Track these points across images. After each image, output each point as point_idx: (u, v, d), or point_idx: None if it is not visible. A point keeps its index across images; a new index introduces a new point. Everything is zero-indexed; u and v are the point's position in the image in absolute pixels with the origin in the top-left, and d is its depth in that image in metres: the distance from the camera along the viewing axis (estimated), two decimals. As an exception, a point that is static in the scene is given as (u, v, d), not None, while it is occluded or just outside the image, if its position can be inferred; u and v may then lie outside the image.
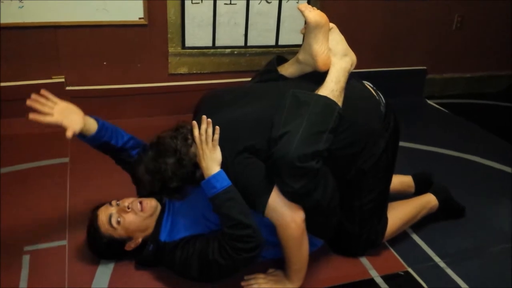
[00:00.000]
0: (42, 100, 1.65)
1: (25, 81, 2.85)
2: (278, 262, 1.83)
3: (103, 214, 1.75)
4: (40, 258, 1.89)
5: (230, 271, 1.67)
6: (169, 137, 1.68)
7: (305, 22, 1.74)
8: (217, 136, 1.63)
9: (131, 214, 1.75)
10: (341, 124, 1.67)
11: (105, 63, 3.00)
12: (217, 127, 1.63)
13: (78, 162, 2.60)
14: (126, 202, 1.78)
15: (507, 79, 4.21)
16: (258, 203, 1.62)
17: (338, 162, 1.76)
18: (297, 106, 1.64)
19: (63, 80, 2.92)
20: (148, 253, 1.77)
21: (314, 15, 1.73)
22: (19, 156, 2.60)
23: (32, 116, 1.60)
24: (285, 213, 1.62)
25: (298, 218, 1.64)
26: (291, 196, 1.62)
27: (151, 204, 1.79)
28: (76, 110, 1.71)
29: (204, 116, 1.65)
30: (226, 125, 1.66)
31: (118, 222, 1.72)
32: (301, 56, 1.81)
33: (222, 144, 1.64)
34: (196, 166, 1.68)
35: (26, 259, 1.87)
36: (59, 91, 2.91)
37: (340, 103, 1.69)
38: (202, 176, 1.66)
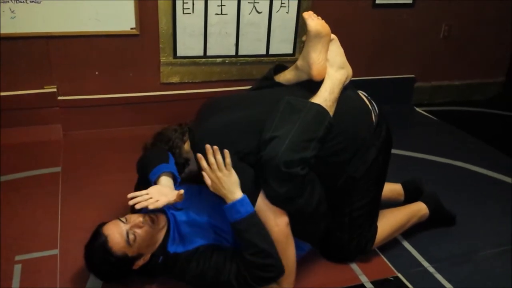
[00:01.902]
0: (139, 198, 1.61)
1: (16, 91, 2.85)
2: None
3: (116, 233, 1.65)
4: (31, 267, 1.89)
5: None
6: (172, 129, 1.92)
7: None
8: (229, 160, 1.64)
9: (145, 228, 1.69)
10: (331, 131, 1.70)
11: (97, 72, 3.00)
12: (226, 150, 1.64)
13: (70, 171, 2.60)
14: (140, 217, 1.71)
15: (495, 86, 4.26)
16: None
17: (329, 169, 1.79)
18: (289, 112, 1.68)
19: (55, 90, 2.92)
20: (158, 265, 1.74)
21: (316, 24, 1.77)
22: (10, 166, 2.59)
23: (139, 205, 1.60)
24: (268, 217, 1.66)
25: (281, 222, 1.67)
26: (275, 200, 1.65)
27: (161, 217, 1.77)
28: (163, 186, 1.71)
29: (207, 146, 1.65)
30: (218, 129, 1.71)
31: (134, 239, 1.66)
32: (299, 62, 1.85)
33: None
34: (186, 162, 1.84)
35: (17, 268, 1.87)
36: (51, 101, 2.93)
37: (331, 113, 1.72)
38: (190, 173, 1.83)
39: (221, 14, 3.07)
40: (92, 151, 2.86)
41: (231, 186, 1.63)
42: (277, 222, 1.67)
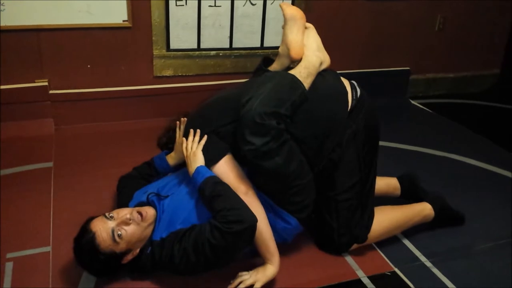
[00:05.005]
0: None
1: (6, 85, 2.80)
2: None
3: (103, 231, 1.64)
4: (23, 265, 1.86)
5: (223, 252, 1.63)
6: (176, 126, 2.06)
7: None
8: (203, 141, 1.84)
9: (132, 226, 1.68)
10: (305, 101, 1.79)
11: (89, 66, 2.97)
12: (205, 136, 1.84)
13: (62, 166, 2.57)
14: (127, 214, 1.70)
15: (490, 78, 4.26)
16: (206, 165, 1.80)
17: (305, 148, 1.81)
18: (266, 81, 1.80)
19: (46, 83, 2.88)
20: (147, 257, 1.73)
21: (290, 8, 1.93)
22: (1, 161, 2.55)
23: None
24: (229, 182, 1.75)
25: (241, 187, 1.76)
26: (253, 155, 1.68)
27: (150, 212, 1.75)
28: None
29: (191, 130, 1.87)
30: (201, 110, 1.90)
31: (120, 236, 1.65)
32: (280, 48, 1.96)
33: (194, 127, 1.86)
34: None
35: (9, 266, 1.84)
36: (43, 95, 2.89)
37: (306, 86, 1.81)
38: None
39: (215, 6, 3.03)
40: (84, 146, 2.83)
41: (193, 164, 1.80)
42: (235, 186, 1.75)
